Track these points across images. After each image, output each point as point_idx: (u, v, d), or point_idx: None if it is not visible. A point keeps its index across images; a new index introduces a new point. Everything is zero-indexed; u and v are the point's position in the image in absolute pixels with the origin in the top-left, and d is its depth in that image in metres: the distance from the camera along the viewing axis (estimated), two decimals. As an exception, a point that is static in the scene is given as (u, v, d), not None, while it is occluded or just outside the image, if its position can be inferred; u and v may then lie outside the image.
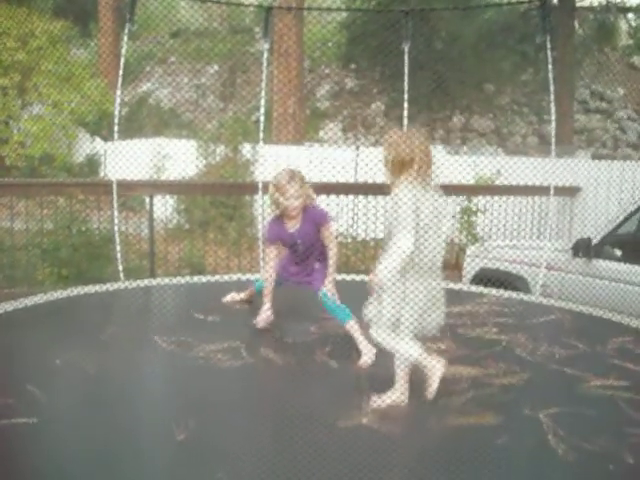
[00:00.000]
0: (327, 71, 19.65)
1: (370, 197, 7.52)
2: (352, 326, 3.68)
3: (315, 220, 3.99)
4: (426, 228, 2.88)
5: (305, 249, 4.01)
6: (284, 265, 4.13)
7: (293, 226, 3.97)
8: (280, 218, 4.01)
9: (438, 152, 12.32)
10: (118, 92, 5.37)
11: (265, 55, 5.84)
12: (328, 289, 3.87)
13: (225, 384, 3.09)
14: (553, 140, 5.38)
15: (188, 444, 2.41)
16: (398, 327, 2.92)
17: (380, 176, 3.20)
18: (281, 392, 3.06)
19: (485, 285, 5.36)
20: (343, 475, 2.22)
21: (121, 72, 5.34)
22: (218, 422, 2.66)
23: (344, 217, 7.70)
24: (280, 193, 3.87)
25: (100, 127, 12.79)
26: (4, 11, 10.61)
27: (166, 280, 5.25)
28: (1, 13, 10.33)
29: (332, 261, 3.97)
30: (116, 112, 5.37)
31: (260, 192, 5.66)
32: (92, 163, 12.65)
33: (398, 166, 2.96)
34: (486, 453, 2.44)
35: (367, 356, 3.55)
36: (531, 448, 2.52)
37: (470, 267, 6.20)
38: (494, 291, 5.05)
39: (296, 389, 3.08)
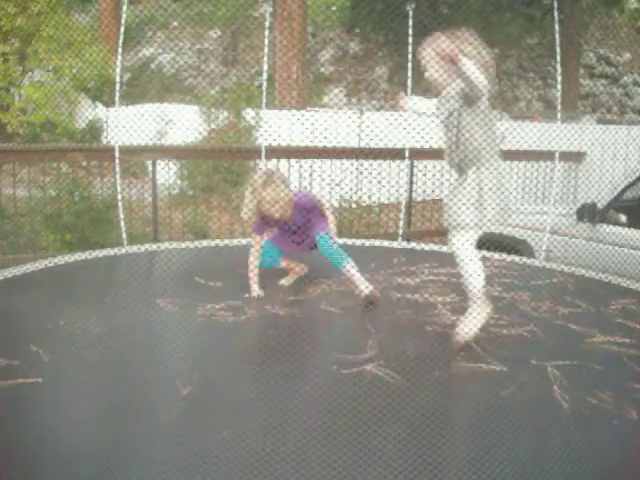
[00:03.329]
0: (331, 35, 19.43)
1: (373, 162, 7.47)
2: (348, 269, 3.65)
3: (306, 208, 3.86)
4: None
5: (300, 230, 3.89)
6: (281, 241, 4.03)
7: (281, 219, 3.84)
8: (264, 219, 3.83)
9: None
10: (119, 57, 5.31)
11: (268, 19, 5.76)
12: (329, 234, 3.78)
13: (228, 338, 3.12)
14: (559, 105, 5.33)
15: (193, 399, 2.43)
16: (481, 221, 2.98)
17: (385, 140, 3.21)
18: (286, 342, 3.07)
19: (489, 250, 5.35)
20: (347, 422, 2.25)
21: (122, 37, 5.27)
22: (222, 376, 2.69)
23: (348, 182, 7.67)
24: (257, 199, 3.66)
25: (102, 93, 12.70)
26: (3, -24, 10.48)
27: (169, 245, 5.25)
28: (0, -23, 10.21)
29: (333, 224, 3.92)
30: (117, 78, 5.32)
31: (263, 157, 5.63)
32: (94, 129, 12.58)
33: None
34: (491, 402, 2.47)
35: (368, 289, 3.59)
36: (536, 399, 2.54)
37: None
38: (497, 255, 5.05)
39: (300, 338, 3.11)
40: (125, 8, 5.24)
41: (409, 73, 5.58)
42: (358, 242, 5.25)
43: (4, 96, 11.35)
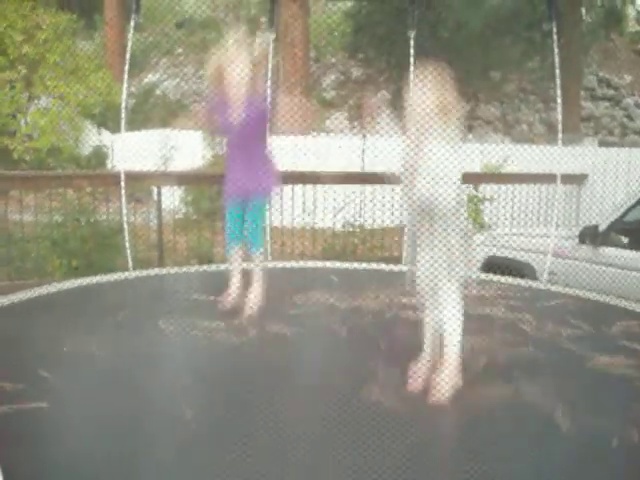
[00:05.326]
0: (333, 60, 19.59)
1: (377, 186, 7.52)
2: (260, 260, 3.69)
3: (262, 111, 3.76)
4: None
5: (251, 134, 3.74)
6: (230, 178, 3.95)
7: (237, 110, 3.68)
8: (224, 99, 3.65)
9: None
10: (125, 84, 5.38)
11: (271, 45, 5.84)
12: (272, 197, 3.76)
13: (231, 360, 3.16)
14: (560, 127, 5.38)
15: (198, 423, 2.45)
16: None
17: (389, 165, 3.17)
18: (288, 364, 3.09)
19: (493, 273, 5.38)
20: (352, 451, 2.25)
21: (127, 64, 5.35)
22: (227, 399, 2.71)
23: (352, 206, 7.71)
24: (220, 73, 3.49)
25: (106, 119, 12.80)
26: (10, 5, 10.61)
27: (174, 269, 5.28)
28: (7, 7, 10.34)
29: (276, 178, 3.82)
30: (123, 104, 5.38)
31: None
32: (99, 155, 12.66)
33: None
34: (494, 422, 2.48)
35: (253, 302, 3.65)
36: (537, 419, 2.55)
37: (478, 255, 6.20)
38: (501, 278, 5.07)
39: (304, 360, 3.12)
40: (131, 35, 5.32)
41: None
42: (363, 265, 5.28)
43: (10, 122, 11.45)
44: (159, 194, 6.49)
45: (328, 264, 5.37)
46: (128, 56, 5.36)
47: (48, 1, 14.54)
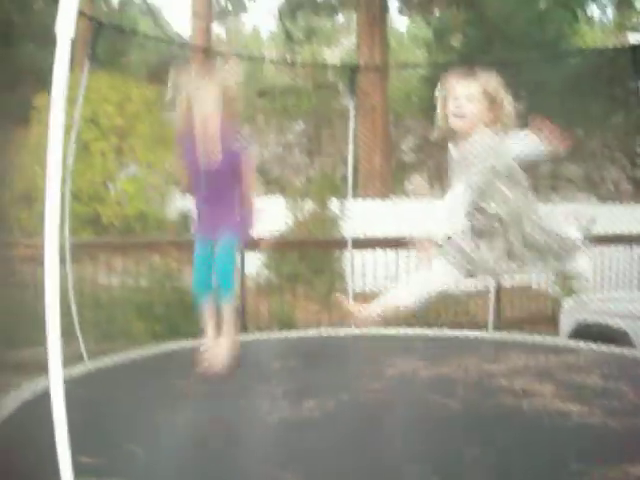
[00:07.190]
0: (411, 124, 19.73)
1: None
2: (229, 308, 3.37)
3: (235, 153, 3.40)
4: None
5: (219, 187, 3.42)
6: (199, 218, 3.67)
7: (207, 152, 3.31)
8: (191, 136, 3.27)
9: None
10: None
11: (352, 112, 5.93)
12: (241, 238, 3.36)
13: (323, 434, 3.05)
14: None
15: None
16: None
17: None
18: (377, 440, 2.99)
19: (584, 340, 5.16)
20: None
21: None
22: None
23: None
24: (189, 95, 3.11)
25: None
26: (104, 79, 11.20)
27: (256, 335, 5.30)
28: (101, 81, 10.91)
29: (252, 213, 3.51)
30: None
31: (349, 248, 5.68)
32: (185, 220, 13.02)
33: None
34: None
35: (219, 355, 3.42)
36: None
37: (567, 321, 5.97)
38: (594, 345, 4.86)
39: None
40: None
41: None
42: (447, 333, 5.17)
43: (101, 189, 11.95)
44: (242, 259, 6.58)
45: (410, 331, 5.28)
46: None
47: (138, 75, 15.32)
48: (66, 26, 1.86)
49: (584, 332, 5.54)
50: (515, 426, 3.11)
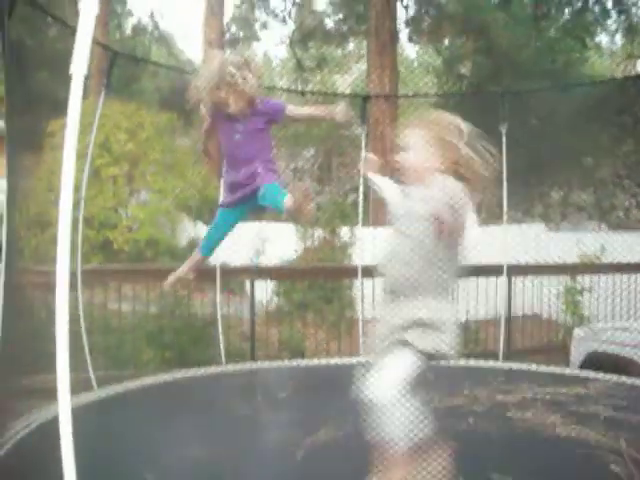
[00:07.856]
0: (421, 151, 19.73)
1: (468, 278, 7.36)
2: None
3: (269, 114, 3.47)
4: None
5: (248, 151, 3.45)
6: (226, 180, 3.73)
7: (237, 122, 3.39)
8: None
9: (538, 229, 12.04)
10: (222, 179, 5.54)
11: (363, 140, 5.96)
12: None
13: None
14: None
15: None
16: None
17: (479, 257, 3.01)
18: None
19: (596, 370, 5.11)
20: None
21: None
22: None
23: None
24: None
25: (202, 212, 13.24)
26: (116, 106, 11.31)
27: (266, 363, 5.27)
28: (114, 108, 11.02)
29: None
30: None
31: (360, 275, 5.67)
32: (195, 247, 13.02)
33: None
34: None
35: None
36: None
37: (578, 351, 5.91)
38: (605, 376, 4.81)
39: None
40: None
41: (504, 190, 5.58)
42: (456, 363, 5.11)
43: (112, 215, 12.01)
44: (252, 287, 6.57)
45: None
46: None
47: (150, 102, 15.46)
48: (80, 64, 1.88)
49: (595, 362, 5.48)
50: (526, 454, 3.07)
